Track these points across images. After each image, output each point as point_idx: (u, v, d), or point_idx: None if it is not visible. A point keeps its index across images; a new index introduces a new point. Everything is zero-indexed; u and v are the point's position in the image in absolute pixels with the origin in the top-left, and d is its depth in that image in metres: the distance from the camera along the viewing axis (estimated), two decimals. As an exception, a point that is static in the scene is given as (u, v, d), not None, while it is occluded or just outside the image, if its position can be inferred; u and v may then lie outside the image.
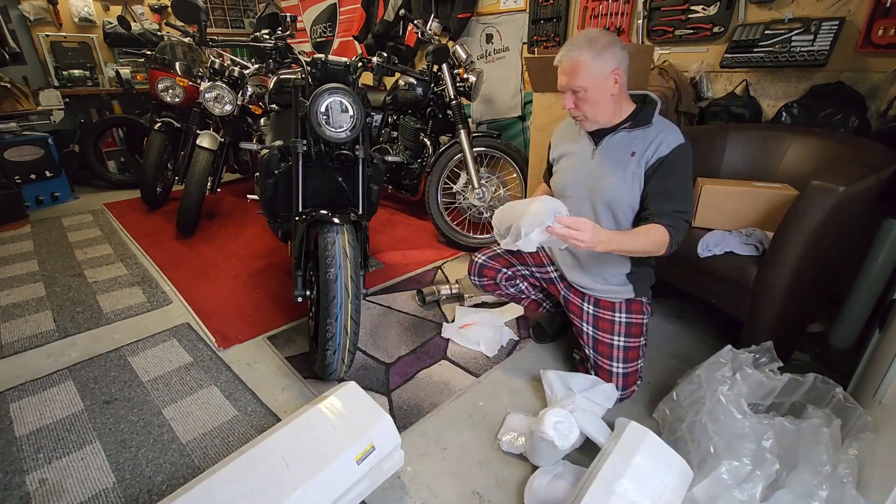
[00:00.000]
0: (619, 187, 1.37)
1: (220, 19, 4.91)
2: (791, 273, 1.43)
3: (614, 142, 1.38)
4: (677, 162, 1.31)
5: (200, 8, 1.62)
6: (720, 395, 1.18)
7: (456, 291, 2.12)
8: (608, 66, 1.28)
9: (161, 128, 3.07)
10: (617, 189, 1.37)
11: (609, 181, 1.38)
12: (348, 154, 1.66)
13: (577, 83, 1.29)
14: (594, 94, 1.30)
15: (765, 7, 2.08)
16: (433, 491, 1.23)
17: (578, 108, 1.34)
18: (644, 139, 1.34)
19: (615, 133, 1.38)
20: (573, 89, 1.31)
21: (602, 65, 1.27)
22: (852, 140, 1.73)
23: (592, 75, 1.28)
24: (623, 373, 1.45)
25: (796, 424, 1.13)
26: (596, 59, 1.26)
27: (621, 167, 1.36)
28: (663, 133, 1.33)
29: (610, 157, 1.39)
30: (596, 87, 1.29)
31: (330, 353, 1.44)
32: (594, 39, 1.27)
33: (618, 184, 1.37)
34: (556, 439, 1.17)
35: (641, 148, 1.34)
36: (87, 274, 2.41)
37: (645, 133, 1.35)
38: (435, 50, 2.54)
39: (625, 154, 1.36)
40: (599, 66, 1.27)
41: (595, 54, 1.26)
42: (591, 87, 1.29)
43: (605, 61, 1.27)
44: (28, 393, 1.56)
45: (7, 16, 3.58)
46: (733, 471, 1.03)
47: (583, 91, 1.30)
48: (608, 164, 1.39)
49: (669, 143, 1.31)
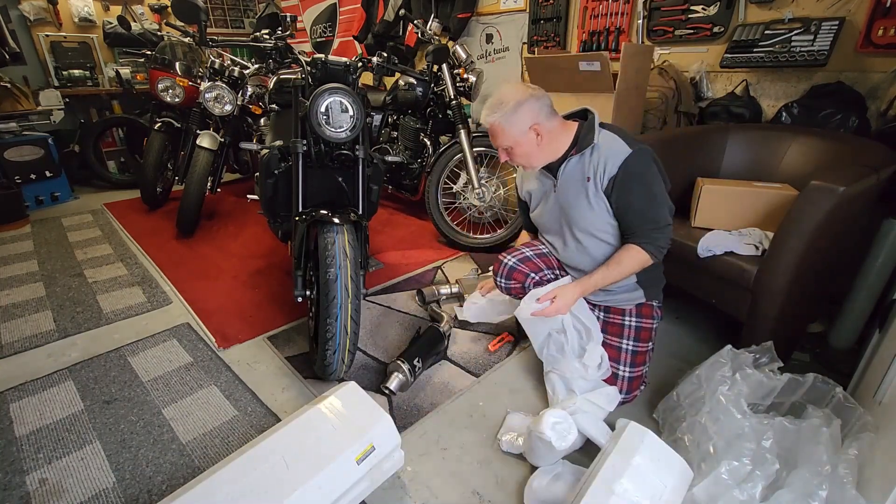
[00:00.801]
0: (588, 214, 1.38)
1: (220, 19, 4.91)
2: (791, 273, 1.43)
3: (568, 171, 1.40)
4: (629, 175, 1.30)
5: (200, 8, 1.62)
6: (720, 395, 1.18)
7: (456, 291, 2.12)
8: (524, 124, 1.31)
9: (161, 128, 3.07)
10: (586, 217, 1.39)
11: (577, 211, 1.40)
12: (348, 154, 1.66)
13: (502, 143, 1.36)
14: (522, 149, 1.35)
15: (765, 7, 2.08)
16: (433, 491, 1.23)
17: (512, 159, 1.40)
18: (592, 162, 1.35)
19: (566, 162, 1.39)
20: (501, 147, 1.38)
21: (518, 124, 1.31)
22: (852, 140, 1.73)
23: (512, 135, 1.33)
24: (629, 377, 1.44)
25: (796, 424, 1.13)
26: (510, 121, 1.31)
27: (582, 194, 1.37)
28: (608, 150, 1.33)
29: (569, 187, 1.40)
30: (519, 143, 1.34)
31: (330, 353, 1.44)
32: (502, 102, 1.31)
33: (584, 212, 1.39)
34: (554, 440, 1.17)
35: (592, 171, 1.35)
36: (87, 274, 2.41)
37: (592, 154, 1.35)
38: (435, 50, 2.54)
39: (581, 180, 1.37)
40: (516, 125, 1.31)
41: (507, 116, 1.30)
42: (515, 144, 1.34)
43: (519, 120, 1.31)
44: (28, 393, 1.56)
45: (7, 16, 3.58)
46: (733, 471, 1.03)
47: (510, 148, 1.36)
48: (571, 194, 1.40)
49: (614, 161, 1.31)
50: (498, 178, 2.63)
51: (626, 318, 1.48)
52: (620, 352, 1.46)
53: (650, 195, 1.32)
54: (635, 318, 1.47)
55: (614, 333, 1.48)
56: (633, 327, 1.47)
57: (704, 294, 1.73)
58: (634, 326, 1.47)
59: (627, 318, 1.48)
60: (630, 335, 1.46)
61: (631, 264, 1.34)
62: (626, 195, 1.31)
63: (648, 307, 1.49)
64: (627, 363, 1.45)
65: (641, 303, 1.48)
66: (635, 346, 1.46)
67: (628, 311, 1.48)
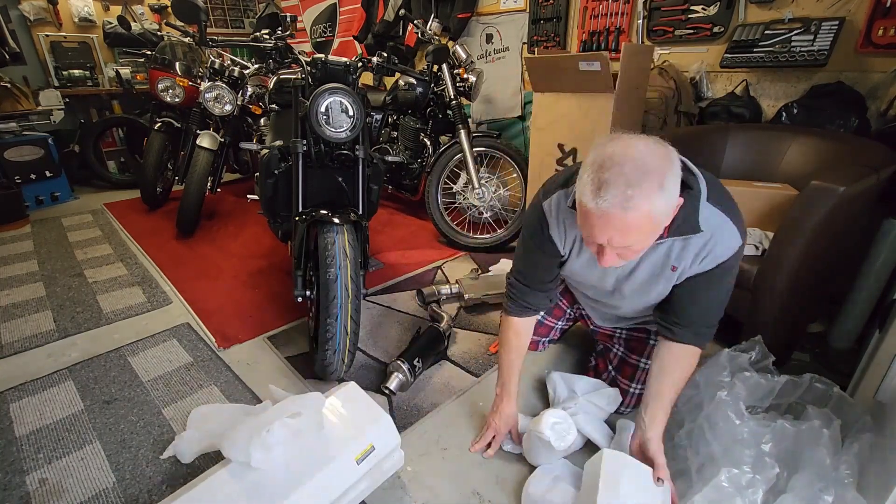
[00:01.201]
0: (651, 296, 1.16)
1: (220, 19, 4.91)
2: (791, 273, 1.43)
3: (649, 255, 1.08)
4: (724, 272, 1.04)
5: (200, 8, 1.62)
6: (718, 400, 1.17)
7: (456, 291, 2.12)
8: (670, 202, 0.87)
9: (161, 128, 3.07)
10: (648, 297, 1.17)
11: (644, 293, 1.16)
12: (348, 154, 1.66)
13: (633, 240, 0.89)
14: (650, 241, 0.94)
15: (765, 7, 2.08)
16: (433, 491, 1.23)
17: (623, 257, 0.96)
18: (688, 250, 1.03)
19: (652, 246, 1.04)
20: (627, 245, 0.90)
21: (671, 201, 0.87)
22: (852, 140, 1.73)
23: (659, 223, 0.89)
24: (638, 393, 1.41)
25: (796, 426, 1.13)
26: (666, 197, 0.84)
27: (658, 280, 1.10)
28: (714, 240, 1.00)
29: (645, 269, 1.11)
30: (656, 232, 0.91)
31: (330, 353, 1.44)
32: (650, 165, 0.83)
33: (649, 293, 1.15)
34: (553, 440, 1.17)
35: (686, 262, 1.04)
36: (87, 274, 2.41)
37: (688, 242, 1.02)
38: (435, 50, 2.54)
39: (663, 265, 1.08)
40: (669, 204, 0.87)
41: (663, 189, 0.83)
42: (652, 238, 0.93)
43: (671, 196, 0.86)
44: (28, 393, 1.56)
45: (7, 16, 3.58)
46: (733, 478, 1.02)
47: (631, 248, 0.92)
48: (644, 277, 1.12)
49: (719, 255, 1.01)
50: (498, 178, 2.63)
51: (651, 337, 1.41)
52: (637, 370, 1.41)
53: (727, 295, 1.10)
54: (654, 338, 1.40)
55: (637, 351, 1.42)
56: (654, 346, 1.37)
57: (704, 294, 1.72)
58: (654, 345, 1.37)
59: (652, 337, 1.41)
60: (651, 354, 1.36)
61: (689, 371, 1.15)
62: (708, 290, 1.07)
63: None
64: (640, 381, 1.40)
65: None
66: (649, 363, 1.39)
67: (654, 330, 1.40)
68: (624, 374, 1.43)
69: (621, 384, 1.44)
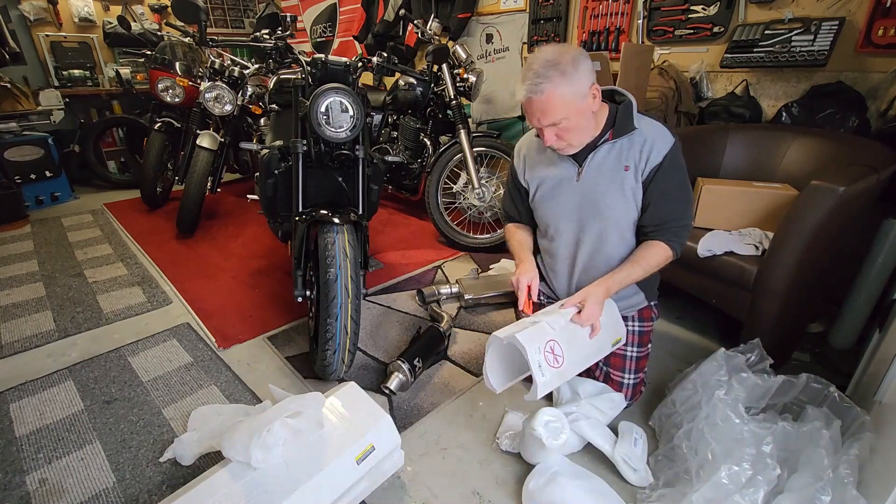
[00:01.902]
0: (619, 206, 1.25)
1: (220, 19, 4.91)
2: (791, 273, 1.43)
3: (599, 158, 1.24)
4: (672, 165, 1.20)
5: (200, 8, 1.62)
6: (717, 400, 1.17)
7: (456, 291, 2.12)
8: (585, 85, 1.11)
9: (161, 128, 3.07)
10: (617, 209, 1.26)
11: (607, 202, 1.26)
12: (348, 154, 1.66)
13: (554, 117, 1.13)
14: (577, 121, 1.15)
15: (765, 7, 2.08)
16: (433, 491, 1.23)
17: (561, 138, 1.18)
18: (633, 147, 1.21)
19: (597, 148, 1.24)
20: (552, 123, 1.14)
21: (578, 86, 1.10)
22: (852, 140, 1.73)
23: (571, 102, 1.11)
24: (633, 383, 1.42)
25: (796, 427, 1.13)
26: (569, 83, 1.09)
27: (617, 184, 1.24)
28: (651, 136, 1.20)
29: (600, 175, 1.25)
30: (578, 112, 1.13)
31: (330, 353, 1.44)
32: (555, 61, 1.08)
33: (616, 203, 1.25)
34: (545, 437, 1.17)
35: (634, 159, 1.21)
36: (87, 274, 2.41)
37: (632, 140, 1.21)
38: (435, 50, 2.54)
39: (617, 169, 1.23)
40: (575, 88, 1.10)
41: (567, 78, 1.08)
42: (573, 114, 1.13)
43: (579, 81, 1.09)
44: (28, 393, 1.56)
45: (7, 16, 3.58)
46: (733, 476, 1.02)
47: (564, 121, 1.13)
48: (601, 184, 1.25)
49: (660, 148, 1.20)
50: (498, 179, 2.63)
51: (630, 325, 1.43)
52: (625, 360, 1.42)
53: (685, 189, 1.25)
54: (637, 323, 1.43)
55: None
56: (637, 332, 1.42)
57: (704, 294, 1.73)
58: (637, 332, 1.42)
59: (630, 324, 1.43)
60: (634, 341, 1.42)
61: (655, 262, 1.25)
62: (665, 186, 1.21)
63: (648, 309, 1.45)
64: (632, 370, 1.42)
65: (643, 307, 1.43)
66: (638, 351, 1.42)
67: (630, 317, 1.43)
68: (615, 365, 1.44)
69: (615, 376, 1.44)
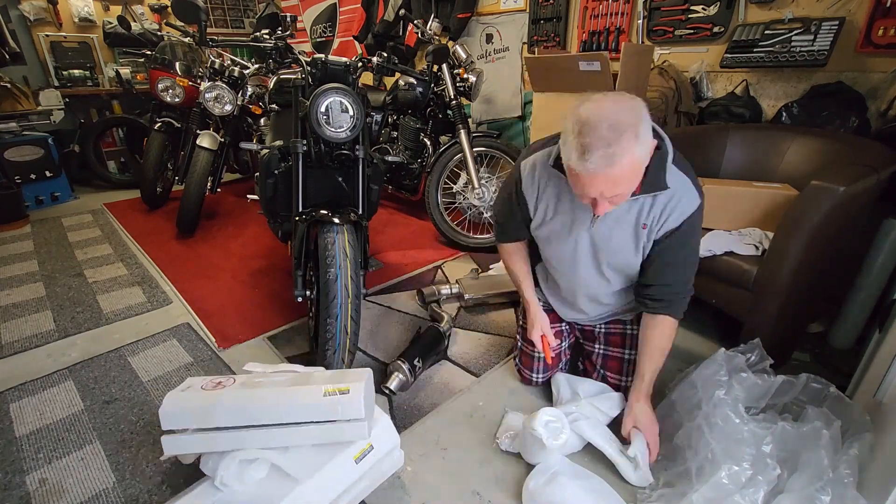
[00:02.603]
0: (629, 258, 1.21)
1: (220, 19, 4.91)
2: (791, 273, 1.43)
3: (619, 211, 1.15)
4: (690, 228, 1.13)
5: (200, 8, 1.62)
6: (717, 400, 1.17)
7: (456, 291, 2.12)
8: (648, 144, 0.97)
9: (161, 128, 3.07)
10: (626, 259, 1.22)
11: (617, 258, 1.22)
12: (348, 154, 1.66)
13: (626, 187, 0.99)
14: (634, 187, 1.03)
15: (765, 7, 2.08)
16: (433, 491, 1.23)
17: (613, 203, 1.04)
18: (655, 207, 1.12)
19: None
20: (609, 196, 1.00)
21: (646, 146, 0.96)
22: (852, 140, 1.73)
23: (640, 169, 0.99)
24: (629, 386, 1.41)
25: (796, 427, 1.13)
26: (641, 143, 0.94)
27: (630, 239, 1.18)
28: (678, 198, 1.10)
29: (616, 228, 1.18)
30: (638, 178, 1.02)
31: (330, 353, 1.44)
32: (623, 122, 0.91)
33: (626, 258, 1.21)
34: (545, 437, 1.17)
35: (653, 218, 1.13)
36: (87, 274, 2.41)
37: (656, 199, 1.11)
38: (435, 50, 2.54)
39: (633, 224, 1.16)
40: (645, 149, 0.96)
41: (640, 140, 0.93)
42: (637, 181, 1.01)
43: (646, 141, 0.95)
44: (28, 393, 1.56)
45: (7, 16, 3.58)
46: (733, 476, 1.02)
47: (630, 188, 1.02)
48: (615, 238, 1.19)
49: (683, 211, 1.11)
50: (498, 178, 2.63)
51: (627, 328, 1.44)
52: (622, 363, 1.43)
53: (696, 253, 1.20)
54: (634, 327, 1.43)
55: (616, 344, 1.45)
56: (634, 336, 1.42)
57: (704, 294, 1.72)
58: (635, 335, 1.42)
59: (628, 328, 1.44)
60: (632, 344, 1.42)
61: (670, 340, 1.24)
62: (678, 251, 1.15)
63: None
64: (629, 373, 1.42)
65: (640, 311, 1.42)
66: (634, 353, 1.42)
67: (629, 320, 1.45)
68: (611, 368, 1.45)
69: (612, 379, 1.45)
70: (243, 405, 1.01)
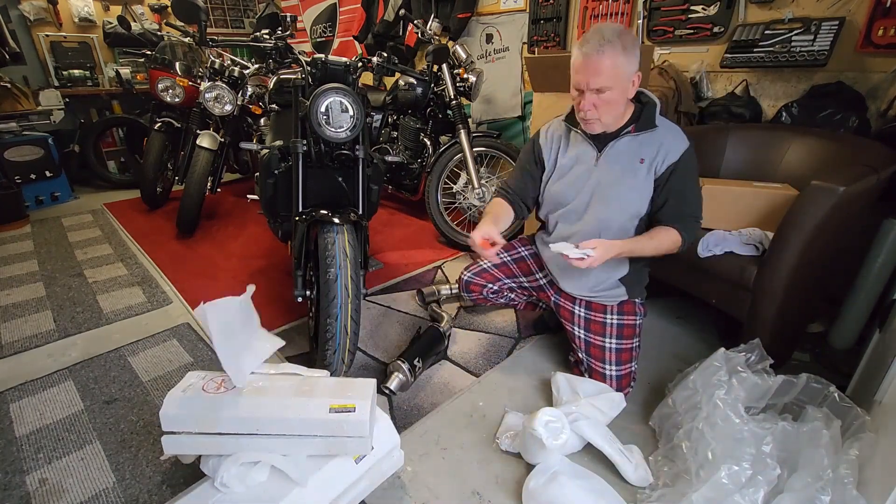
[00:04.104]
0: (628, 196, 1.34)
1: (220, 19, 4.91)
2: (791, 273, 1.43)
3: (620, 147, 1.34)
4: (687, 166, 1.30)
5: (200, 8, 1.62)
6: (717, 400, 1.17)
7: (456, 291, 2.12)
8: (633, 67, 1.21)
9: (161, 128, 3.07)
10: (625, 198, 1.34)
11: (618, 190, 1.34)
12: (348, 154, 1.66)
13: (601, 82, 1.20)
14: (615, 96, 1.23)
15: (765, 7, 2.08)
16: (433, 491, 1.23)
17: (597, 108, 1.26)
18: (651, 144, 1.31)
19: (619, 138, 1.34)
20: (598, 88, 1.22)
21: (630, 65, 1.20)
22: (852, 140, 1.73)
23: (621, 76, 1.20)
24: (616, 375, 1.44)
25: (796, 427, 1.13)
26: (626, 58, 1.18)
27: (630, 174, 1.32)
28: (670, 137, 1.31)
29: (617, 164, 1.34)
30: (620, 89, 1.23)
31: (330, 353, 1.44)
32: (623, 34, 1.18)
33: (627, 192, 1.33)
34: (545, 437, 1.17)
35: (650, 154, 1.30)
36: (87, 274, 2.41)
37: (651, 137, 1.31)
38: (435, 50, 2.54)
39: (633, 161, 1.32)
40: (628, 66, 1.20)
41: (626, 52, 1.18)
42: (617, 87, 1.22)
43: (631, 61, 1.20)
44: (28, 393, 1.56)
45: (7, 16, 3.58)
46: (733, 475, 1.02)
47: (607, 91, 1.22)
48: (616, 171, 1.34)
49: (678, 147, 1.29)
50: (498, 178, 2.63)
51: (608, 316, 1.46)
52: (605, 350, 1.45)
53: (697, 189, 1.35)
54: (616, 316, 1.46)
55: (597, 332, 1.47)
56: (615, 325, 1.46)
57: (704, 294, 1.73)
58: (616, 324, 1.46)
59: (609, 316, 1.46)
60: (612, 333, 1.45)
61: (664, 244, 1.31)
62: (682, 185, 1.30)
63: (630, 304, 1.48)
64: (613, 362, 1.44)
65: (624, 300, 1.47)
66: (619, 343, 1.45)
67: (610, 308, 1.47)
68: (594, 355, 1.47)
69: (596, 366, 1.46)
70: (247, 415, 1.01)
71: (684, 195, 1.31)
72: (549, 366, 1.70)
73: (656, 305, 2.00)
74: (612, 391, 1.42)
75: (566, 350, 1.79)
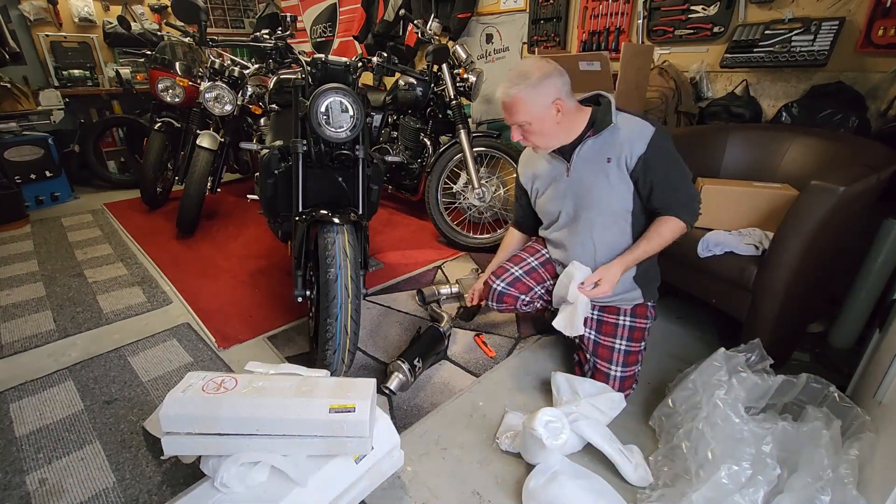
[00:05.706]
0: (607, 197, 1.36)
1: (220, 19, 4.91)
2: (791, 273, 1.43)
3: (584, 154, 1.37)
4: (659, 151, 1.30)
5: (200, 8, 1.62)
6: (717, 400, 1.17)
7: (456, 291, 2.12)
8: (547, 99, 1.27)
9: (161, 128, 3.07)
10: (605, 199, 1.37)
11: (596, 193, 1.37)
12: (348, 154, 1.66)
13: (518, 119, 1.30)
14: (539, 126, 1.31)
15: (765, 7, 2.08)
16: (433, 491, 1.23)
17: (527, 139, 1.35)
18: (613, 142, 1.32)
19: (581, 145, 1.37)
20: (519, 124, 1.31)
21: (540, 98, 1.26)
22: (852, 140, 1.73)
23: (532, 110, 1.27)
24: (621, 377, 1.44)
25: (796, 427, 1.13)
26: (533, 94, 1.26)
27: (602, 176, 1.35)
28: (631, 128, 1.31)
29: (585, 169, 1.37)
30: (539, 119, 1.29)
31: (330, 353, 1.44)
32: (527, 74, 1.26)
33: (604, 193, 1.36)
34: (545, 437, 1.17)
35: (615, 152, 1.32)
36: (87, 274, 2.41)
37: (612, 135, 1.33)
38: (435, 50, 2.54)
39: (600, 162, 1.35)
40: (538, 99, 1.26)
41: (531, 88, 1.25)
42: (535, 120, 1.29)
43: (542, 94, 1.26)
44: (28, 393, 1.56)
45: (7, 16, 3.58)
46: (733, 475, 1.02)
47: (527, 125, 1.31)
48: (588, 176, 1.37)
49: (642, 137, 1.30)
50: (498, 178, 2.63)
51: (621, 318, 1.47)
52: (613, 352, 1.46)
53: (680, 168, 1.34)
54: (629, 318, 1.47)
55: (608, 333, 1.48)
56: (627, 327, 1.46)
57: (704, 294, 1.73)
58: (628, 326, 1.46)
59: (622, 318, 1.47)
60: (623, 335, 1.46)
61: (670, 235, 1.33)
62: (661, 171, 1.30)
63: (643, 307, 1.48)
64: (619, 363, 1.45)
65: (638, 303, 1.47)
66: (628, 345, 1.45)
67: (623, 310, 1.48)
68: (601, 356, 1.47)
69: (601, 366, 1.46)
70: (247, 416, 1.01)
71: (669, 180, 1.31)
72: (549, 366, 1.70)
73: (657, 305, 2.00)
74: (612, 391, 1.42)
75: (566, 350, 1.79)
